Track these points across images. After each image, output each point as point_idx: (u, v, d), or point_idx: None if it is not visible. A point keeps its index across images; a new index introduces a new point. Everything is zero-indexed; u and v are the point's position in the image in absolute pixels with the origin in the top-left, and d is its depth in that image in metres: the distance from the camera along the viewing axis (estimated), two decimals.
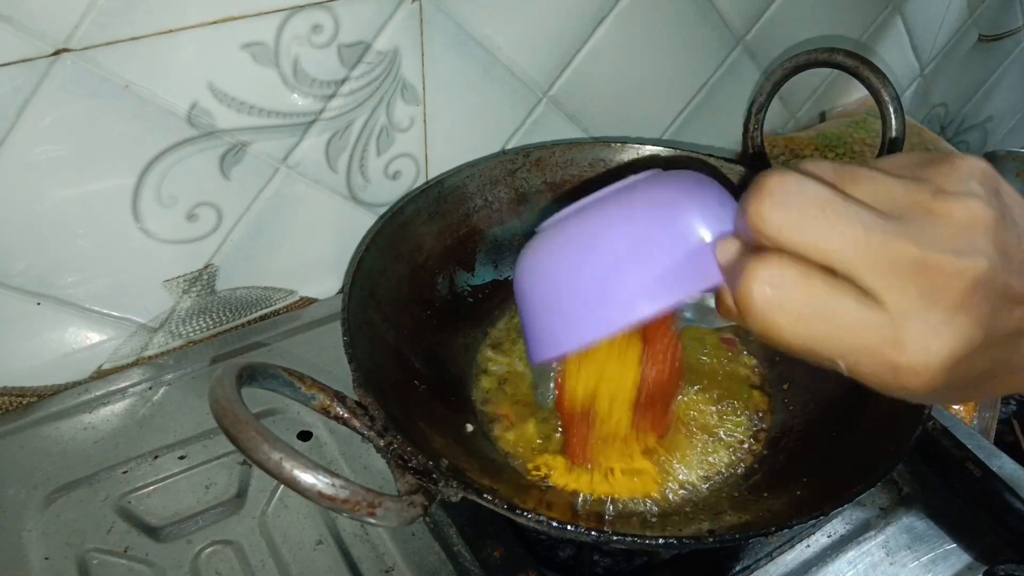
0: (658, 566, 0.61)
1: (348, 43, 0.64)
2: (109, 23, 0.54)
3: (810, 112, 1.08)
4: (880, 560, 0.61)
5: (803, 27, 0.94)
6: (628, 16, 0.78)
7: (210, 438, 0.66)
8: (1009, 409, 0.92)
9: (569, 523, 0.47)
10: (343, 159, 0.71)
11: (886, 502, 0.65)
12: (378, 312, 0.62)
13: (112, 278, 0.66)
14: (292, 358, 0.73)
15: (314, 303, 0.79)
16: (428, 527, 0.61)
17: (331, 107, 0.67)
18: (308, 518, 0.61)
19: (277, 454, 0.40)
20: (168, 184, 0.63)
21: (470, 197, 0.73)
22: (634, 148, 0.77)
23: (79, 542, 0.58)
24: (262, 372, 0.47)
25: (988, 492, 0.62)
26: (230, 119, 0.63)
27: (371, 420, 0.50)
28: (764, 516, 0.55)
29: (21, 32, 0.51)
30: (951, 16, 1.12)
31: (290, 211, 0.71)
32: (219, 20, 0.58)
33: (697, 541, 0.49)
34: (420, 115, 0.73)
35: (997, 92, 1.35)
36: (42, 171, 0.58)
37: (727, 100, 0.94)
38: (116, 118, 0.58)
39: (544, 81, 0.78)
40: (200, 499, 0.62)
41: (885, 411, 0.59)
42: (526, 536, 0.59)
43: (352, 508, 0.41)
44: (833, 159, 0.94)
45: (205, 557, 0.59)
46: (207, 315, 0.73)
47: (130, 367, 0.71)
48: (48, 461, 0.63)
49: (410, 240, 0.68)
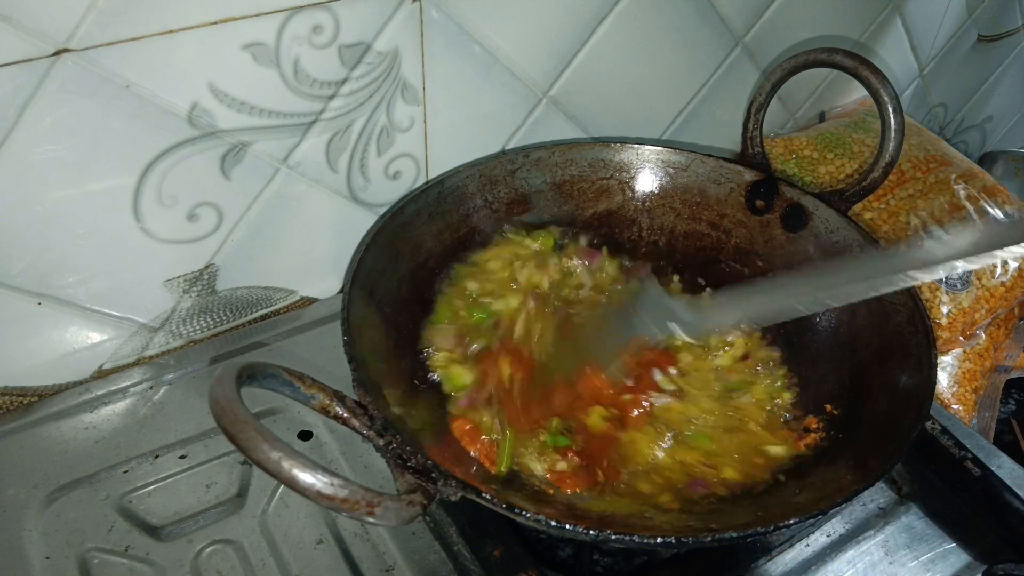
0: (658, 565, 0.61)
1: (348, 43, 0.64)
2: (110, 23, 0.54)
3: (809, 112, 1.08)
4: (879, 559, 0.61)
5: (803, 27, 0.94)
6: (628, 16, 0.78)
7: (211, 438, 0.66)
8: (1008, 409, 0.92)
9: (568, 523, 0.47)
10: (343, 159, 0.71)
11: (885, 502, 0.66)
12: (378, 312, 0.62)
13: (113, 278, 0.66)
14: (292, 358, 0.73)
15: (314, 303, 0.80)
16: (428, 526, 0.61)
17: (331, 107, 0.67)
18: (309, 517, 0.61)
19: (277, 454, 0.40)
20: (169, 184, 0.63)
21: (470, 197, 0.73)
22: (634, 148, 0.77)
23: (80, 541, 0.59)
24: (262, 372, 0.47)
25: (987, 492, 0.62)
26: (231, 119, 0.63)
27: (371, 420, 0.51)
28: (764, 516, 0.55)
29: (22, 32, 0.52)
30: (950, 16, 1.12)
31: (290, 211, 0.71)
32: (220, 20, 0.58)
33: (697, 540, 0.49)
34: (420, 115, 0.73)
35: (996, 92, 1.35)
36: (43, 171, 0.58)
37: (727, 100, 0.94)
38: (117, 118, 0.58)
39: (544, 81, 0.78)
40: (201, 498, 0.62)
41: (884, 411, 0.59)
42: (526, 535, 0.59)
43: (351, 507, 0.41)
44: (832, 158, 0.94)
45: (206, 556, 0.59)
46: (207, 315, 0.73)
47: (131, 367, 0.71)
48: (49, 461, 0.63)
49: (410, 240, 0.68)
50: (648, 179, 0.78)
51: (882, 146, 0.71)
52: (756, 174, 0.76)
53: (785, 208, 0.75)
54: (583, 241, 0.77)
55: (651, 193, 0.78)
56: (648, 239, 0.79)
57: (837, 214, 0.71)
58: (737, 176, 0.76)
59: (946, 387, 0.85)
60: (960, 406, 0.85)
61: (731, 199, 0.77)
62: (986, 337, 0.87)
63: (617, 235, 0.79)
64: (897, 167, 0.79)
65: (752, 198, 0.76)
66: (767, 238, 0.76)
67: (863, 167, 0.92)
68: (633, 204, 0.78)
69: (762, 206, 0.76)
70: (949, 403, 0.84)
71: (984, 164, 1.30)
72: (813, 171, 0.94)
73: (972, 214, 0.88)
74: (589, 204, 0.78)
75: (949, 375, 0.85)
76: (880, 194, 0.90)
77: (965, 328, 0.85)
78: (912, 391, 0.58)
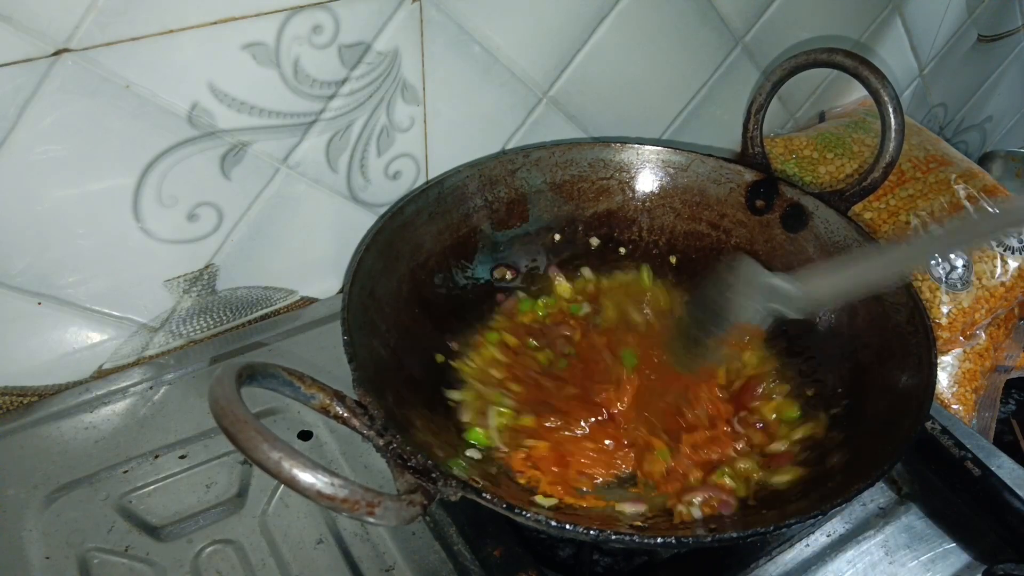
0: (658, 566, 0.61)
1: (348, 43, 0.64)
2: (110, 23, 0.54)
3: (809, 112, 1.08)
4: (879, 559, 0.61)
5: (803, 27, 0.94)
6: (628, 16, 0.78)
7: (211, 437, 0.66)
8: (1008, 409, 0.92)
9: (568, 522, 0.47)
10: (343, 159, 0.71)
11: (885, 502, 0.66)
12: (378, 312, 0.62)
13: (113, 278, 0.66)
14: (292, 358, 0.73)
15: (314, 303, 0.80)
16: (428, 526, 0.61)
17: (331, 107, 0.67)
18: (309, 517, 0.61)
19: (276, 454, 0.40)
20: (169, 184, 0.63)
21: (470, 197, 0.73)
22: (634, 148, 0.77)
23: (80, 541, 0.59)
24: (262, 372, 0.47)
25: (987, 492, 0.62)
26: (231, 119, 0.63)
27: (371, 420, 0.51)
28: (764, 516, 0.55)
29: (22, 32, 0.52)
30: (950, 16, 1.12)
31: (290, 211, 0.71)
32: (220, 20, 0.58)
33: (696, 540, 0.49)
34: (420, 115, 0.73)
35: (996, 92, 1.35)
36: (43, 171, 0.58)
37: (727, 100, 0.94)
38: (117, 118, 0.58)
39: (544, 81, 0.78)
40: (201, 498, 0.62)
41: (884, 411, 0.59)
42: (526, 535, 0.59)
43: (351, 507, 0.41)
44: (832, 158, 0.94)
45: (206, 556, 0.59)
46: (207, 315, 0.73)
47: (131, 367, 0.71)
48: (49, 461, 0.63)
49: (410, 240, 0.68)
50: (648, 179, 0.78)
51: (882, 146, 0.71)
52: (756, 174, 0.76)
53: (785, 208, 0.75)
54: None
55: (651, 193, 0.78)
56: (648, 239, 0.79)
57: (837, 214, 0.71)
58: (737, 176, 0.76)
59: (946, 387, 0.85)
60: (960, 406, 0.85)
61: (731, 199, 0.77)
62: (986, 337, 0.87)
63: (617, 235, 0.79)
64: (897, 167, 0.79)
65: (752, 198, 0.76)
66: (767, 238, 0.76)
67: (863, 167, 0.92)
68: (633, 204, 0.78)
69: (762, 206, 0.76)
70: (949, 403, 0.84)
71: (984, 164, 1.30)
72: (813, 171, 0.94)
73: (972, 214, 0.88)
74: (589, 204, 0.78)
75: (949, 375, 0.85)
76: (880, 194, 0.90)
77: (965, 328, 0.85)
78: (912, 391, 0.58)
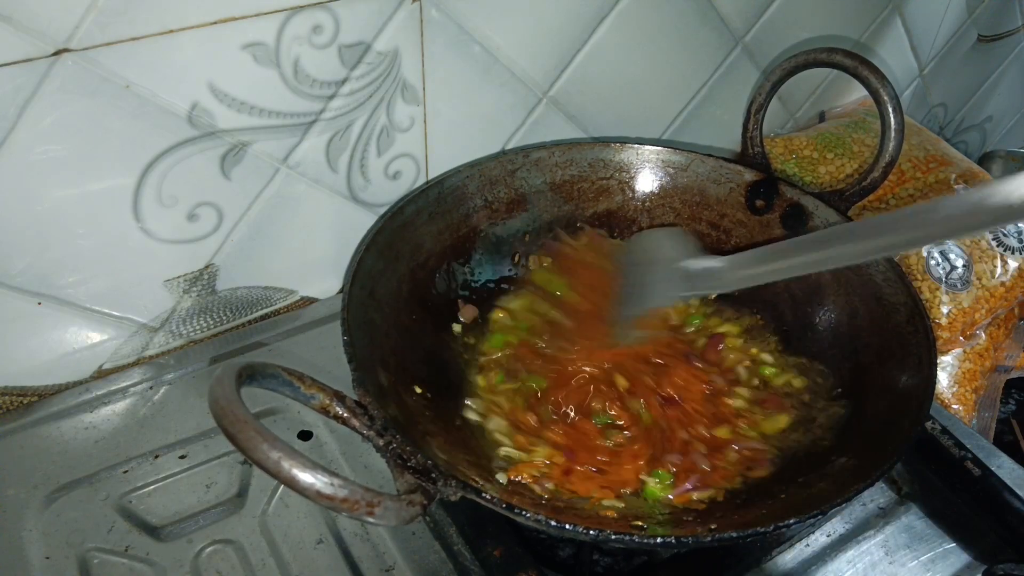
0: (658, 565, 0.61)
1: (348, 43, 0.64)
2: (110, 23, 0.54)
3: (809, 112, 1.08)
4: (879, 559, 0.61)
5: (803, 27, 0.94)
6: (628, 16, 0.78)
7: (211, 437, 0.66)
8: (1008, 409, 0.92)
9: (568, 522, 0.47)
10: (343, 159, 0.71)
11: (885, 502, 0.66)
12: (378, 312, 0.62)
13: (113, 278, 0.66)
14: (292, 358, 0.73)
15: (314, 303, 0.80)
16: (428, 526, 0.61)
17: (331, 107, 0.67)
18: (309, 517, 0.61)
19: (276, 454, 0.40)
20: (169, 184, 0.63)
21: (470, 197, 0.73)
22: (634, 148, 0.77)
23: (80, 541, 0.59)
24: (262, 372, 0.47)
25: (987, 492, 0.62)
26: (231, 119, 0.63)
27: (371, 420, 0.51)
28: (763, 516, 0.55)
29: (22, 32, 0.52)
30: (950, 16, 1.12)
31: (290, 211, 0.71)
32: (220, 20, 0.58)
33: (696, 540, 0.49)
34: (420, 115, 0.73)
35: (996, 92, 1.35)
36: (43, 171, 0.58)
37: (727, 100, 0.94)
38: (117, 118, 0.58)
39: (544, 81, 0.78)
40: (201, 498, 0.62)
41: (884, 411, 0.59)
42: (526, 535, 0.59)
43: (351, 507, 0.41)
44: (832, 158, 0.94)
45: (206, 556, 0.59)
46: (207, 315, 0.73)
47: (131, 367, 0.71)
48: (49, 461, 0.63)
49: (410, 240, 0.68)
50: (648, 179, 0.78)
51: (882, 146, 0.71)
52: (756, 174, 0.76)
53: (785, 208, 0.75)
54: None
55: (651, 193, 0.78)
56: None
57: (837, 214, 0.71)
58: (737, 176, 0.76)
59: (946, 387, 0.85)
60: (960, 406, 0.85)
61: (731, 199, 0.77)
62: (986, 337, 0.87)
63: (617, 235, 0.79)
64: (897, 167, 0.79)
65: (752, 198, 0.76)
66: (767, 238, 0.76)
67: (863, 167, 0.92)
68: (633, 204, 0.79)
69: (762, 206, 0.76)
70: (949, 403, 0.84)
71: (984, 164, 1.30)
72: (813, 171, 0.94)
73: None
74: (589, 204, 0.78)
75: (949, 375, 0.85)
76: (880, 194, 0.90)
77: (965, 328, 0.85)
78: (912, 391, 0.58)
